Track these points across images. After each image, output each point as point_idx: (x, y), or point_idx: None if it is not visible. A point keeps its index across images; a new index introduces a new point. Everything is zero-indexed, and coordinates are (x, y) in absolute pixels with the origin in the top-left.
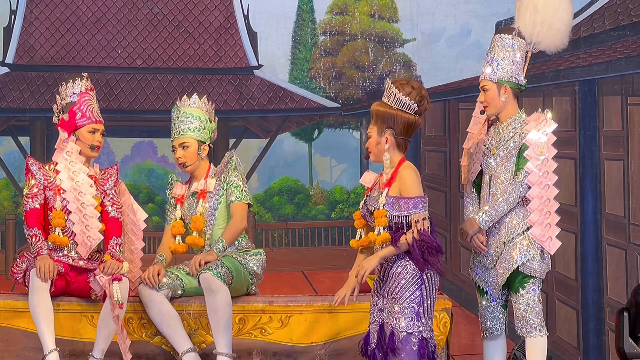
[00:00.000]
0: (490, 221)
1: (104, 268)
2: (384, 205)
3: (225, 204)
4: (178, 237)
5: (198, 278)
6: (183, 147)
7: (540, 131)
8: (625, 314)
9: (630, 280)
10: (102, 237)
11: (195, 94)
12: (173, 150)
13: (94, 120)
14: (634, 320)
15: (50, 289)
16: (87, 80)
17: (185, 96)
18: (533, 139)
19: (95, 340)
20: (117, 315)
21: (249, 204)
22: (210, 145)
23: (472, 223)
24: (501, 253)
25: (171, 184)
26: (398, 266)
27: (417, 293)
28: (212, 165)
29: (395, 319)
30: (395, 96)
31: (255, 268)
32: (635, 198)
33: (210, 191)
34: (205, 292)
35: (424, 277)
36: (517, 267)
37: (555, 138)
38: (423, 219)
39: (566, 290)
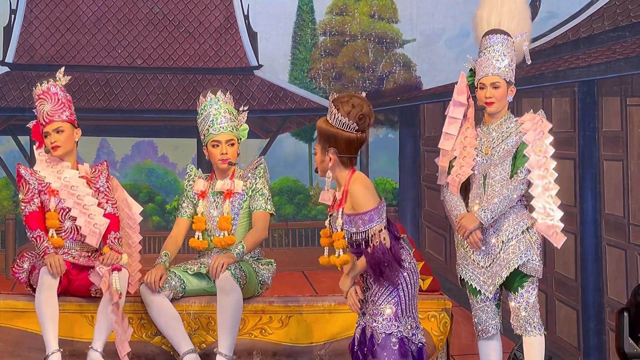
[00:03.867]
0: (492, 218)
1: (103, 259)
2: (341, 226)
3: (247, 209)
4: (198, 233)
5: (212, 277)
6: (230, 144)
7: (538, 130)
8: (625, 314)
9: (630, 281)
10: (109, 221)
11: (228, 92)
12: (215, 146)
13: (44, 122)
14: (633, 320)
15: (57, 289)
16: (47, 81)
17: (220, 91)
18: (531, 138)
19: (94, 333)
20: (117, 303)
21: (271, 214)
22: None
23: (472, 218)
24: (499, 252)
25: (190, 176)
26: None
27: (394, 294)
28: (237, 166)
29: (374, 321)
30: (335, 116)
31: (266, 278)
32: (634, 198)
33: (238, 192)
34: (219, 291)
35: (400, 279)
36: (517, 267)
37: (552, 137)
38: (380, 231)
39: (566, 290)
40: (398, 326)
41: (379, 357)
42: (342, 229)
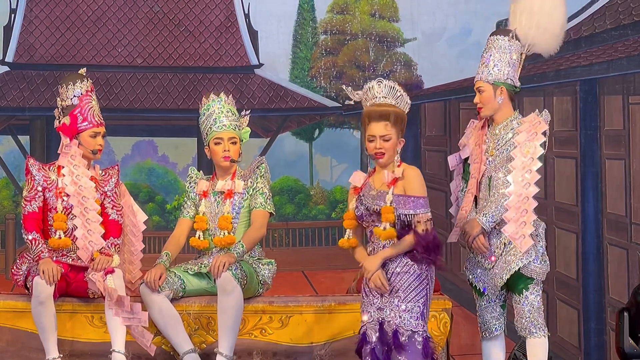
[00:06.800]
0: (493, 222)
1: (93, 265)
2: (391, 202)
3: (248, 208)
4: (199, 232)
5: (214, 275)
6: (232, 142)
7: (531, 132)
8: (626, 313)
9: (631, 280)
10: (104, 243)
11: (230, 95)
12: (217, 143)
13: (95, 123)
14: (634, 320)
15: (54, 296)
16: (87, 80)
17: (222, 93)
18: (522, 139)
19: (111, 336)
20: (120, 300)
21: (270, 213)
22: None
23: (474, 224)
24: (501, 255)
25: (192, 178)
26: (404, 265)
27: (423, 293)
28: (238, 167)
29: (401, 318)
30: (404, 99)
31: (266, 278)
32: (636, 197)
33: (238, 192)
34: (220, 291)
35: (429, 277)
36: (518, 269)
37: (545, 139)
38: (426, 221)
39: (567, 289)
40: (423, 325)
41: (403, 355)
42: (391, 205)
